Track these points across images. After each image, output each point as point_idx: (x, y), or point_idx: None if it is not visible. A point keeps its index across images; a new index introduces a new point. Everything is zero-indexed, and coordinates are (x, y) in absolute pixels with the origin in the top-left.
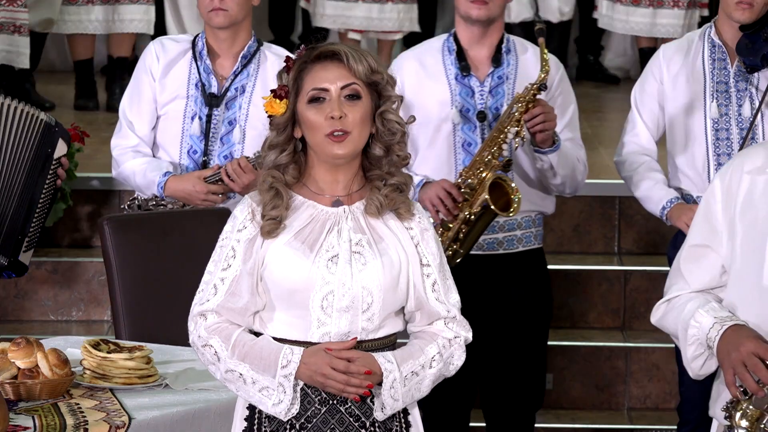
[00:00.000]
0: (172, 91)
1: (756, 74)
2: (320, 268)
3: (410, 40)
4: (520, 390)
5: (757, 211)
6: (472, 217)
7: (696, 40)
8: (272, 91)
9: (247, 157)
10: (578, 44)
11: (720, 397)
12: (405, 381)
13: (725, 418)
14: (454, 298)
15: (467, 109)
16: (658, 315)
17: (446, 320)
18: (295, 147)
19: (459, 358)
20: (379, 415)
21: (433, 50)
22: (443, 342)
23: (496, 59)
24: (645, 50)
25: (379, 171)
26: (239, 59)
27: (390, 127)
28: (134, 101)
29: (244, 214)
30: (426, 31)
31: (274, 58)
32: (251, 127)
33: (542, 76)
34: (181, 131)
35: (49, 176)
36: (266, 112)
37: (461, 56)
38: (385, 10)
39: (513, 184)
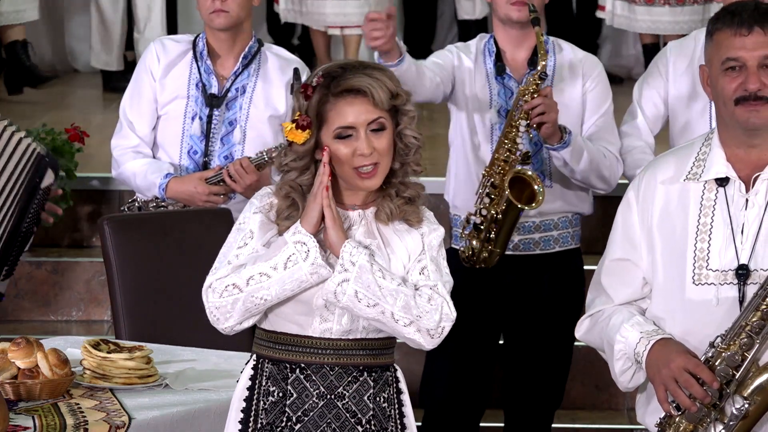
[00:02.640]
0: (172, 91)
1: None
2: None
3: (412, 41)
4: (543, 388)
5: (674, 222)
6: (499, 216)
7: (702, 39)
8: (294, 120)
9: (249, 158)
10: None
11: (649, 406)
12: (372, 264)
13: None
14: (445, 279)
15: (505, 110)
16: (582, 330)
17: (429, 287)
18: (316, 169)
19: (431, 318)
20: (334, 278)
21: (476, 51)
22: (420, 292)
23: (533, 61)
24: (648, 46)
25: (393, 179)
26: (240, 59)
27: (407, 142)
28: (134, 101)
29: (263, 203)
30: (428, 22)
31: (275, 58)
32: (252, 127)
33: (542, 64)
34: (182, 131)
35: (33, 206)
36: (287, 138)
37: (499, 57)
38: (357, 6)
39: (533, 175)
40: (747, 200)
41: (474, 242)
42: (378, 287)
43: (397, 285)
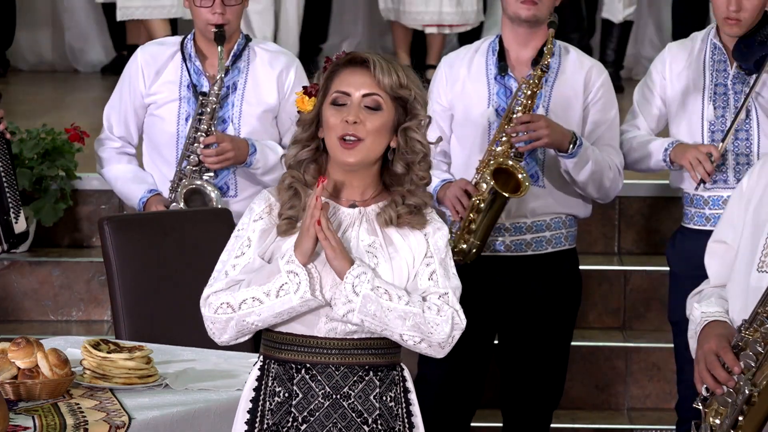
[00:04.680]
0: (164, 95)
1: (753, 77)
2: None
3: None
4: (541, 389)
5: (762, 211)
6: (482, 204)
7: (699, 41)
8: (304, 87)
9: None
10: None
11: None
12: (375, 290)
13: (702, 412)
14: (454, 285)
15: (503, 109)
16: (689, 310)
17: (439, 295)
18: (318, 146)
19: (443, 330)
20: (336, 308)
21: (481, 49)
22: (430, 304)
23: (537, 61)
24: None
25: (400, 188)
26: (229, 58)
27: (412, 145)
28: (114, 105)
29: (261, 207)
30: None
31: (263, 53)
32: (244, 124)
33: (547, 59)
34: (176, 133)
35: None
36: (296, 107)
37: (502, 57)
38: (453, 4)
39: (515, 165)
40: None
41: (455, 231)
42: (385, 312)
43: (404, 305)
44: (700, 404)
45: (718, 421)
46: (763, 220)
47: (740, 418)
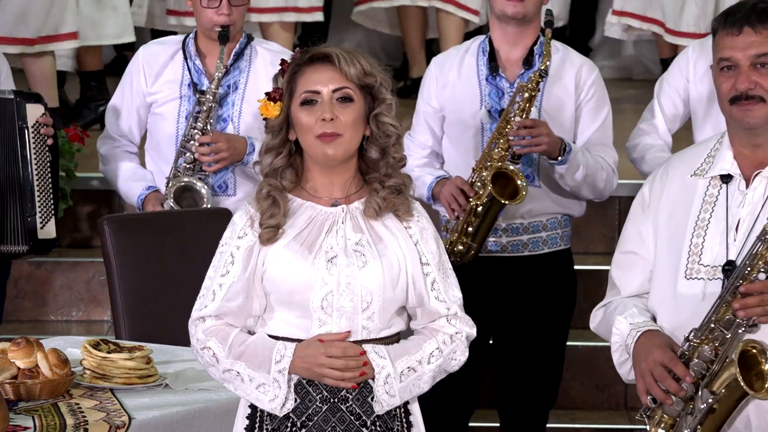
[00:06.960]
0: (165, 94)
1: None
2: (319, 269)
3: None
4: (537, 388)
5: (678, 217)
6: (479, 208)
7: None
8: (266, 94)
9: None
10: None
11: None
12: (401, 377)
13: (646, 423)
14: (455, 294)
15: (496, 110)
16: (595, 321)
17: (448, 317)
18: (290, 150)
19: (462, 354)
20: (378, 408)
21: (471, 50)
22: (443, 338)
23: (528, 61)
24: (667, 60)
25: (376, 174)
26: (231, 56)
27: (385, 129)
28: (120, 106)
29: (243, 221)
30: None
31: (265, 52)
32: (244, 123)
33: (546, 62)
34: (176, 131)
35: (33, 146)
36: (261, 114)
37: (492, 57)
38: None
39: (516, 170)
40: (745, 197)
41: (452, 234)
42: (416, 382)
43: (427, 364)
44: (645, 416)
45: (661, 431)
46: (681, 227)
47: (698, 427)
